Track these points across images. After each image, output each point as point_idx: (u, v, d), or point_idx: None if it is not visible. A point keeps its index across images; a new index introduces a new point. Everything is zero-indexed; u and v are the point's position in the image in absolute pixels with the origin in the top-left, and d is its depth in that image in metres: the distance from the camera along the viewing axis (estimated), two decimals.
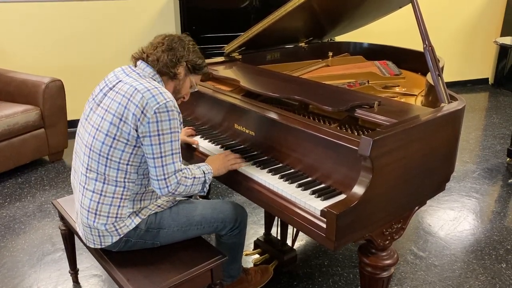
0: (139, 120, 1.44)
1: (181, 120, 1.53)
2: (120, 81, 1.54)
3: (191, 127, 2.00)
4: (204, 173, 1.61)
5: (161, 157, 1.47)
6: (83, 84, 3.83)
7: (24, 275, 2.25)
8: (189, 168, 1.58)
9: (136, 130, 1.46)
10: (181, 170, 1.53)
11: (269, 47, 2.58)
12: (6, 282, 2.20)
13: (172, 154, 1.49)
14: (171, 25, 4.44)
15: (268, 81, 2.05)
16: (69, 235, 2.04)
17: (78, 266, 2.19)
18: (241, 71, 2.22)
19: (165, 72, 1.58)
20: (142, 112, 1.44)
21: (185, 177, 1.54)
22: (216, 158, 1.71)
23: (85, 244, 1.72)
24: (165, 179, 1.49)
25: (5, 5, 3.78)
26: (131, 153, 1.50)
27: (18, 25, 3.87)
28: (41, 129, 3.41)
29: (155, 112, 1.44)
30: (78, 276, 2.20)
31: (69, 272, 2.18)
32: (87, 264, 2.31)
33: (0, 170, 3.20)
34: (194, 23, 3.97)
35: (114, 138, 1.48)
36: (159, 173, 1.48)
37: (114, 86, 1.54)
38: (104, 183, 1.52)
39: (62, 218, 1.98)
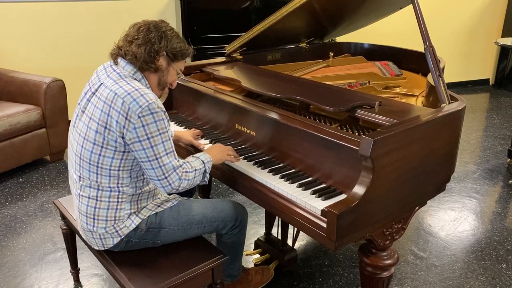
0: (124, 127, 1.41)
1: (168, 118, 1.50)
2: (101, 84, 1.50)
3: (198, 130, 2.00)
4: (204, 162, 1.61)
5: (157, 158, 1.45)
6: (84, 84, 3.83)
7: (25, 274, 2.26)
8: (188, 162, 1.58)
9: (123, 138, 1.43)
10: (180, 166, 1.52)
11: (270, 48, 2.58)
12: (8, 281, 2.20)
13: (167, 154, 1.47)
14: (173, 26, 4.44)
15: (269, 81, 2.06)
16: (70, 235, 2.04)
17: (79, 265, 2.20)
18: (242, 72, 2.23)
19: (146, 68, 1.52)
20: (126, 118, 1.40)
21: (186, 172, 1.53)
22: (214, 147, 1.72)
23: (86, 244, 1.73)
24: (166, 177, 1.49)
25: (7, 5, 3.79)
26: (121, 159, 1.48)
27: (19, 25, 3.88)
28: (43, 129, 3.41)
29: (139, 117, 1.40)
30: (79, 275, 2.21)
31: (70, 272, 2.18)
32: (88, 263, 2.32)
33: (1, 170, 3.20)
34: (195, 24, 3.98)
35: (101, 147, 1.46)
36: (158, 174, 1.48)
37: (96, 90, 1.50)
38: (98, 189, 1.52)
39: (63, 217, 1.99)
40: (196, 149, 1.91)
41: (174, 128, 2.03)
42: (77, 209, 1.59)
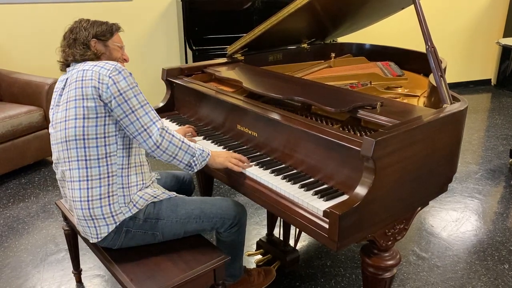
0: (99, 89, 1.51)
1: (135, 81, 1.58)
2: (67, 78, 1.62)
3: (192, 126, 2.01)
4: (198, 147, 1.64)
5: (132, 112, 1.52)
6: None
7: (27, 275, 2.26)
8: (180, 134, 1.64)
9: (100, 99, 1.52)
10: (159, 119, 1.58)
11: (271, 48, 2.58)
12: (10, 282, 2.21)
13: (142, 106, 1.54)
14: (174, 27, 4.45)
15: (271, 82, 2.06)
16: (72, 235, 2.05)
17: (81, 266, 2.20)
18: (243, 72, 2.23)
19: (89, 58, 1.63)
20: (98, 81, 1.51)
21: (170, 134, 1.58)
22: (221, 151, 1.75)
23: (88, 244, 1.73)
24: (145, 129, 1.54)
25: (9, 7, 3.80)
26: (105, 124, 1.54)
27: (21, 26, 3.89)
28: (45, 129, 3.42)
29: (109, 77, 1.51)
30: (82, 276, 2.21)
31: (73, 272, 2.19)
32: (90, 264, 2.32)
33: (3, 171, 3.21)
34: (196, 25, 3.99)
35: (83, 118, 1.52)
36: (137, 127, 1.53)
37: (65, 85, 1.61)
38: (87, 167, 1.54)
39: (65, 218, 1.99)
40: None
41: (174, 128, 2.02)
42: (72, 200, 1.60)
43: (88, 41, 1.64)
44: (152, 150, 1.57)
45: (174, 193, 1.74)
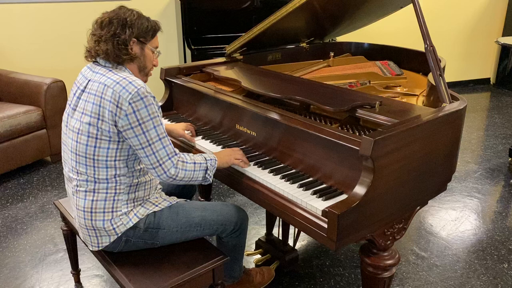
0: (116, 115, 1.43)
1: (158, 105, 1.52)
2: (89, 80, 1.52)
3: (192, 125, 2.00)
4: (206, 159, 1.60)
5: (150, 145, 1.46)
6: None
7: (26, 275, 2.25)
8: (187, 154, 1.59)
9: (115, 126, 1.45)
10: (176, 154, 1.53)
11: (270, 48, 2.58)
12: (9, 282, 2.20)
13: (160, 139, 1.48)
14: (173, 26, 4.44)
15: (270, 81, 2.05)
16: (71, 236, 2.04)
17: (80, 267, 2.19)
18: (242, 72, 2.22)
19: (122, 60, 1.53)
20: (117, 106, 1.42)
21: (183, 162, 1.54)
22: (223, 150, 1.72)
23: (86, 245, 1.73)
24: (160, 165, 1.49)
25: (8, 6, 3.79)
26: (117, 149, 1.49)
27: (20, 26, 3.88)
28: (43, 129, 3.41)
29: (129, 103, 1.42)
30: (80, 276, 2.21)
31: (71, 273, 2.18)
32: (89, 264, 2.32)
33: (2, 171, 3.21)
34: (195, 24, 3.98)
35: (96, 138, 1.47)
36: (153, 161, 1.48)
37: (85, 87, 1.53)
38: (95, 182, 1.53)
39: (64, 218, 1.99)
40: (188, 144, 1.91)
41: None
42: (75, 207, 1.59)
43: (129, 42, 1.52)
44: (168, 182, 1.55)
45: (175, 198, 1.72)
